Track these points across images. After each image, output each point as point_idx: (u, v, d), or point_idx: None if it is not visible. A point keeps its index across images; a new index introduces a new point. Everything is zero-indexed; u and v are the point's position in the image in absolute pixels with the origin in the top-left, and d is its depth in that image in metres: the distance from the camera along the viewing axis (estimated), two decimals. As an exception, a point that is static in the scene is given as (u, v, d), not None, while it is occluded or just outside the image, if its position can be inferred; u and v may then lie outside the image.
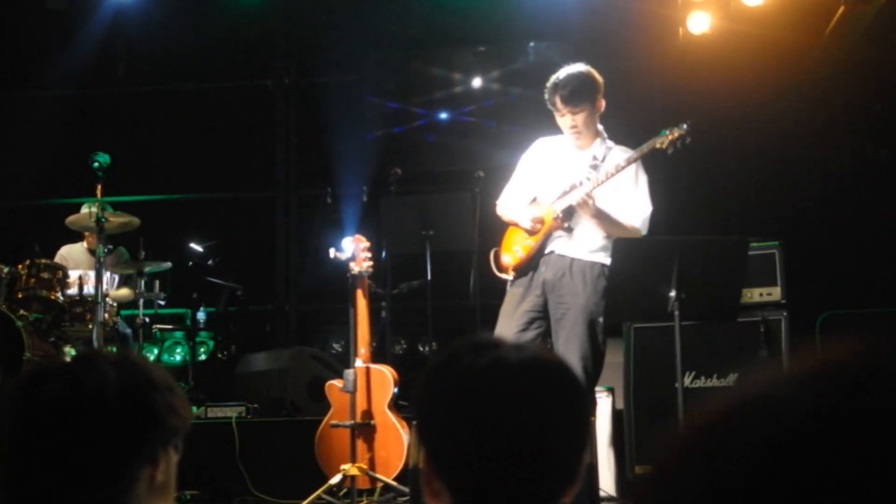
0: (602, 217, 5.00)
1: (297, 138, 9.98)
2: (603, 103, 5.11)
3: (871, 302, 6.98)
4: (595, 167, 5.06)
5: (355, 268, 5.74)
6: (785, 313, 5.72)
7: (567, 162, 5.15)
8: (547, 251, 5.11)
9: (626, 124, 5.57)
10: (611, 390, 6.00)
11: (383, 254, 7.10)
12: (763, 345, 5.65)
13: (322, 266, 8.52)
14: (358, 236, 5.82)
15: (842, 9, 7.22)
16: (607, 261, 5.04)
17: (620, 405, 6.07)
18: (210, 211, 10.16)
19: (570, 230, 5.05)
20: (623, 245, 4.93)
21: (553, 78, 5.07)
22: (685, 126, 4.98)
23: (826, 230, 7.52)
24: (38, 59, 9.72)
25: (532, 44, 9.36)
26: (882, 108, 7.66)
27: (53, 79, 9.74)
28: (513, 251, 5.21)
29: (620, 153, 5.10)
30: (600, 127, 5.19)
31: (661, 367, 5.72)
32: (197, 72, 9.82)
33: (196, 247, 9.73)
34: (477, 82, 9.49)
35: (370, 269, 5.78)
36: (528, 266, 5.14)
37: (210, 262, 9.44)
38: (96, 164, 6.81)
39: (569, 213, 5.04)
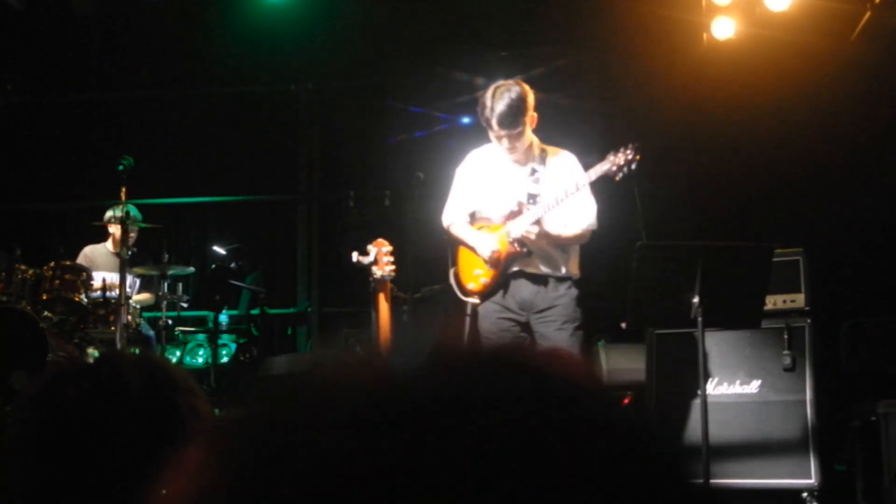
0: (550, 237, 5.10)
1: (321, 142, 10.00)
2: (535, 117, 5.12)
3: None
4: (537, 181, 5.11)
5: (377, 272, 5.73)
6: (809, 320, 5.68)
7: (507, 176, 5.23)
8: (513, 270, 5.18)
9: (649, 130, 5.55)
10: (630, 395, 5.97)
11: (405, 258, 7.10)
12: (787, 352, 5.62)
13: (344, 270, 8.53)
14: (380, 240, 5.83)
15: (868, 14, 7.17)
16: (574, 272, 5.22)
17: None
18: (233, 214, 10.19)
19: (528, 254, 5.13)
20: (647, 251, 4.93)
21: (489, 95, 5.04)
22: (630, 149, 4.98)
23: (851, 236, 7.46)
24: (63, 64, 9.78)
25: (555, 49, 9.33)
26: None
27: (79, 82, 9.80)
28: (474, 277, 5.30)
29: (559, 159, 5.18)
30: (533, 136, 5.24)
31: (683, 373, 5.69)
32: (221, 76, 9.86)
33: (219, 249, 9.77)
34: (500, 87, 9.47)
35: (392, 274, 5.78)
36: (494, 289, 5.22)
37: (233, 264, 9.47)
38: (121, 167, 6.88)
39: (522, 242, 5.13)
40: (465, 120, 9.58)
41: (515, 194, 5.20)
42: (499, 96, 4.99)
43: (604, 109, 8.39)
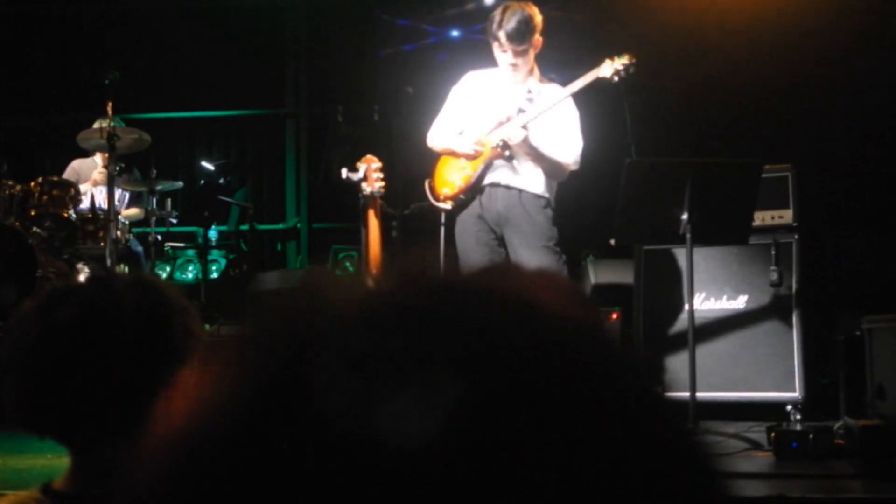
0: (534, 152, 5.12)
1: (308, 56, 9.91)
2: (540, 42, 5.21)
3: (883, 224, 6.97)
4: (530, 100, 5.16)
5: (367, 188, 5.73)
6: (796, 236, 5.71)
7: (502, 95, 5.29)
8: (489, 181, 5.24)
9: (640, 44, 5.52)
10: (618, 310, 6.02)
11: (394, 174, 7.09)
12: (774, 267, 5.66)
13: (333, 186, 8.50)
14: (369, 156, 5.81)
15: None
16: (548, 194, 5.24)
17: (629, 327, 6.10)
18: (221, 129, 10.14)
19: (510, 158, 5.16)
20: (635, 167, 4.95)
21: (498, 13, 5.17)
22: (630, 55, 5.09)
23: (840, 152, 7.47)
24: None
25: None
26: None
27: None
28: (450, 181, 5.35)
29: (556, 89, 5.23)
30: (535, 64, 5.32)
31: (671, 289, 5.74)
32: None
33: (207, 165, 9.73)
34: (489, 0, 9.38)
35: (382, 190, 5.78)
36: (468, 195, 5.27)
37: (221, 180, 9.45)
38: (107, 82, 6.81)
39: (507, 144, 5.14)
40: (455, 33, 9.49)
41: (507, 110, 5.22)
42: (510, 14, 5.10)
43: (594, 22, 8.32)
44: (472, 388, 0.45)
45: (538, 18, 5.17)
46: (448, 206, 5.38)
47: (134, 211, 7.88)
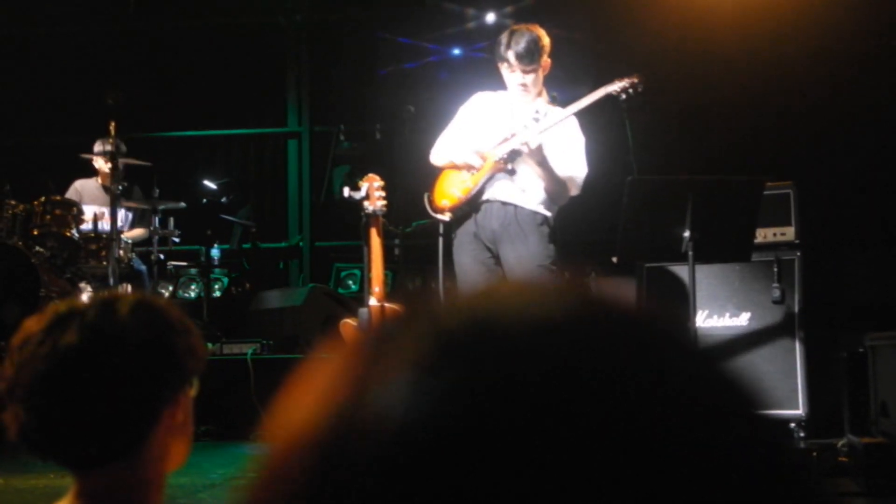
0: (544, 165, 5.11)
1: (310, 75, 9.93)
2: (549, 63, 5.25)
3: (886, 241, 6.97)
4: (537, 119, 5.19)
5: (369, 207, 5.73)
6: (798, 253, 5.72)
7: (510, 115, 5.29)
8: (487, 197, 5.23)
9: (641, 63, 5.53)
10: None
11: (395, 192, 7.10)
12: (776, 284, 5.66)
13: (335, 204, 8.53)
14: (371, 175, 5.81)
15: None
16: (546, 212, 5.22)
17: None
18: (223, 148, 10.15)
19: (512, 172, 5.16)
20: (637, 185, 4.95)
21: (506, 35, 5.20)
22: (638, 75, 5.11)
23: (842, 169, 7.47)
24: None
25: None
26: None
27: (66, 14, 9.69)
28: (449, 194, 5.35)
29: (562, 113, 5.22)
30: (543, 86, 5.35)
31: (673, 306, 5.72)
32: (209, 8, 9.76)
33: (210, 184, 9.75)
34: (490, 18, 9.40)
35: (384, 209, 5.78)
36: (468, 209, 5.27)
37: (224, 199, 9.46)
38: (110, 101, 6.84)
39: (512, 156, 5.15)
40: (456, 51, 9.51)
41: (513, 127, 5.22)
42: (518, 35, 5.14)
43: (594, 41, 8.34)
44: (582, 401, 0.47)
45: (546, 40, 5.20)
46: (446, 217, 5.39)
47: (138, 232, 7.89)
